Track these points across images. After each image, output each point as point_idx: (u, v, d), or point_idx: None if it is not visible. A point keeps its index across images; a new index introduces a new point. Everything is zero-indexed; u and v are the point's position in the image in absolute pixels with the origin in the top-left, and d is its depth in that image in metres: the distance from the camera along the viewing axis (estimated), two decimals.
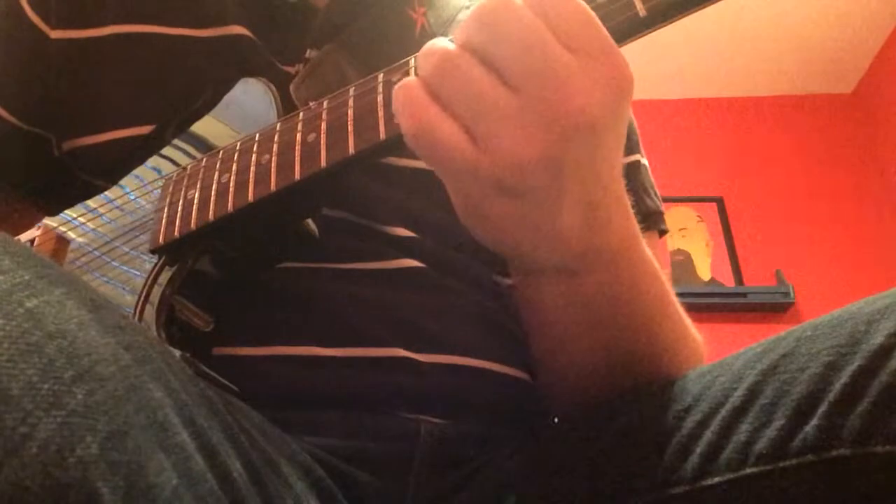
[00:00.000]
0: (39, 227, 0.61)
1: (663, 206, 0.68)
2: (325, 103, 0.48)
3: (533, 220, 0.39)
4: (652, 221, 0.65)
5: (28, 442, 0.22)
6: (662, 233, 0.67)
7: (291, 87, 0.54)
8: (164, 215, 0.52)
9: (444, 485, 0.49)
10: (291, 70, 0.59)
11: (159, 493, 0.25)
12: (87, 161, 0.60)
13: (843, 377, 0.34)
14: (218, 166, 0.51)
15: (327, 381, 0.51)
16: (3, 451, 0.22)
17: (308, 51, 0.59)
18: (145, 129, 0.58)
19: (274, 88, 0.53)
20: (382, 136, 0.43)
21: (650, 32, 0.39)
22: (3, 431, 0.22)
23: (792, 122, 2.71)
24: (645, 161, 0.68)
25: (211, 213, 0.49)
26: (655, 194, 0.67)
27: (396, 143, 0.44)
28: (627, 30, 0.39)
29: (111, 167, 0.58)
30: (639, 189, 0.66)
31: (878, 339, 0.34)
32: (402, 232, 0.55)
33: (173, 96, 0.59)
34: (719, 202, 2.58)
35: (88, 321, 0.27)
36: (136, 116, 0.58)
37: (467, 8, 0.66)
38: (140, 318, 0.49)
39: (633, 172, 0.65)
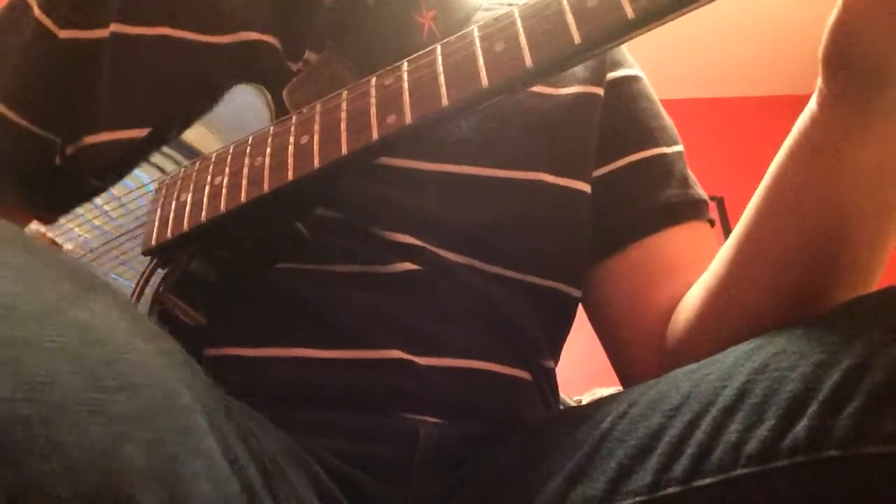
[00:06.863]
0: (30, 232, 0.61)
1: None
2: (317, 106, 0.48)
3: None
4: (703, 210, 0.67)
5: (73, 451, 0.22)
6: (712, 222, 0.68)
7: (285, 93, 0.54)
8: (157, 217, 0.52)
9: (445, 485, 0.49)
10: (294, 67, 0.59)
11: (194, 501, 0.25)
12: (85, 161, 0.60)
13: (834, 376, 0.33)
14: (211, 169, 0.51)
15: (326, 382, 0.51)
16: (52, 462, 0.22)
17: (307, 52, 0.59)
18: (146, 132, 0.58)
19: (269, 95, 0.53)
20: (375, 136, 0.44)
21: (640, 34, 0.39)
22: (52, 440, 0.22)
23: (792, 122, 2.68)
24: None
25: (203, 214, 0.49)
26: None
27: (389, 145, 0.45)
28: (615, 31, 0.39)
29: (109, 168, 0.58)
30: (686, 176, 0.68)
31: (868, 337, 0.34)
32: (401, 235, 0.55)
33: (179, 100, 0.59)
34: (719, 202, 2.58)
35: (126, 329, 0.28)
36: (139, 118, 0.58)
37: (485, 10, 0.65)
38: None
39: (679, 160, 0.68)
